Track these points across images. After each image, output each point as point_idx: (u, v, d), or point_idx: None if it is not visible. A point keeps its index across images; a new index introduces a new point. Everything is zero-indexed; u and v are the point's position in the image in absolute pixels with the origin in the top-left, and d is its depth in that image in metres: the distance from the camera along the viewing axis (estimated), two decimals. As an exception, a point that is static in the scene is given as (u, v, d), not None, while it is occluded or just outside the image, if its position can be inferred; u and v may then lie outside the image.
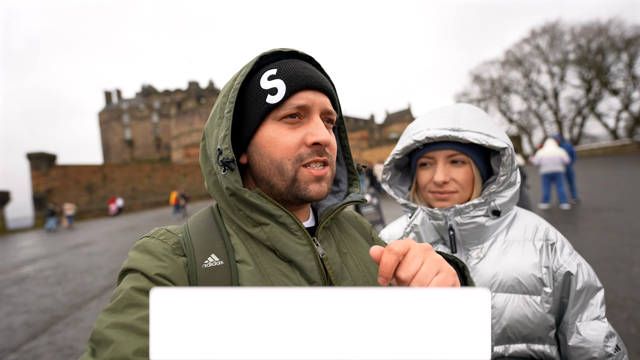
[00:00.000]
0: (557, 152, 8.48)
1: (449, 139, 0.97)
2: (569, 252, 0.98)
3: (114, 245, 11.44)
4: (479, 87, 44.82)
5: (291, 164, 0.66)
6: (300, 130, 0.66)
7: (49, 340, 4.11)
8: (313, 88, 0.67)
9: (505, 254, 1.00)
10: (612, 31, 32.55)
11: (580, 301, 0.93)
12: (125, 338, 0.47)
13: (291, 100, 0.65)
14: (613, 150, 27.15)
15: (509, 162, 0.95)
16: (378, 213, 6.94)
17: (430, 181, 1.05)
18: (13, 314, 5.27)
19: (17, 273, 8.58)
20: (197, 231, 0.68)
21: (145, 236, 0.65)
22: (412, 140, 1.03)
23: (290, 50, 0.71)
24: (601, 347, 0.88)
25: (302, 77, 0.66)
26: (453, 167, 1.02)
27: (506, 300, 0.96)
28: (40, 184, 29.56)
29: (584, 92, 36.97)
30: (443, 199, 1.03)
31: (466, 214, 0.99)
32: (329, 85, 0.71)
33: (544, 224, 1.04)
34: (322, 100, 0.68)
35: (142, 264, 0.58)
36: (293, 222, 0.68)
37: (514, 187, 0.99)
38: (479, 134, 0.95)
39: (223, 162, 0.63)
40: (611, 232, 5.82)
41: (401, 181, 1.22)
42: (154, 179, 39.95)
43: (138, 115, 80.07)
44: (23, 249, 14.35)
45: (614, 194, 9.55)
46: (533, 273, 0.95)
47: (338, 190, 0.86)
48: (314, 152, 0.66)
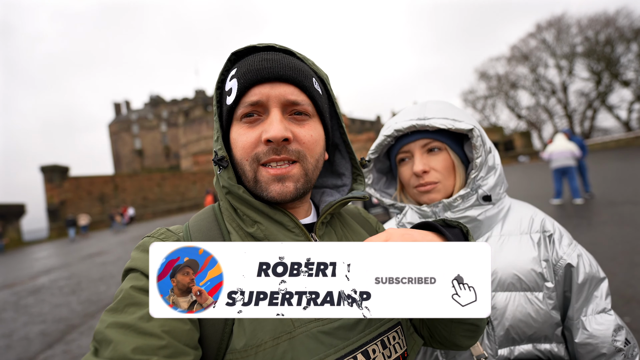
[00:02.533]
0: (568, 146, 8.33)
1: (417, 127, 0.96)
2: (567, 242, 0.94)
3: (126, 254, 11.57)
4: (486, 84, 44.49)
5: (249, 165, 0.64)
6: (258, 128, 0.63)
7: (64, 349, 4.18)
8: (267, 80, 0.63)
9: (501, 249, 0.96)
10: (621, 21, 32.06)
11: (583, 294, 0.89)
12: (124, 337, 0.48)
13: (245, 98, 0.63)
14: (626, 142, 26.57)
15: (479, 143, 0.93)
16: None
17: (411, 175, 1.03)
18: (29, 324, 5.37)
19: (33, 284, 8.75)
20: (198, 229, 0.68)
21: (146, 236, 0.65)
22: (383, 135, 1.02)
23: (266, 45, 0.68)
24: (609, 341, 0.84)
25: (253, 71, 0.63)
26: (430, 155, 1.00)
27: (507, 299, 0.92)
28: (54, 196, 30.18)
29: (593, 85, 36.35)
30: (427, 191, 1.00)
31: (456, 208, 0.96)
32: (292, 73, 0.64)
33: (539, 215, 1.00)
34: (280, 92, 0.63)
35: (142, 263, 0.57)
36: (289, 219, 0.67)
37: (496, 171, 0.97)
38: (444, 120, 0.95)
39: (215, 160, 0.64)
40: (627, 226, 5.66)
41: (387, 185, 1.21)
42: (164, 187, 40.43)
43: (147, 125, 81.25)
44: (39, 260, 14.63)
45: (629, 187, 9.31)
46: (533, 268, 0.91)
47: (341, 185, 0.83)
48: (270, 150, 0.62)
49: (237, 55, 0.69)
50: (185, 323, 0.53)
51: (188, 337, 0.53)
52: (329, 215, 0.74)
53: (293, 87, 0.65)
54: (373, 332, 0.66)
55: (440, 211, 0.98)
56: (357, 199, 0.76)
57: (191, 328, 0.54)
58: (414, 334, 0.77)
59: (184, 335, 0.52)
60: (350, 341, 0.62)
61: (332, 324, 0.62)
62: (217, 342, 0.56)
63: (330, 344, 0.60)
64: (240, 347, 0.55)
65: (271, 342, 0.56)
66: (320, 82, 0.73)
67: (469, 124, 0.94)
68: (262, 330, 0.56)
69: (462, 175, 1.01)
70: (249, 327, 0.56)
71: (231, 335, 0.56)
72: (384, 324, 0.69)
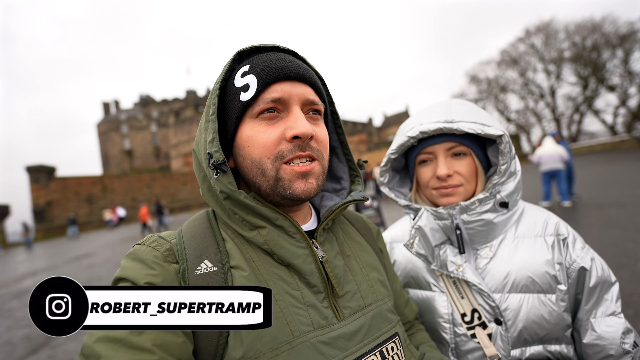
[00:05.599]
0: (557, 149, 8.46)
1: (444, 131, 0.94)
2: (581, 246, 0.94)
3: (114, 256, 11.37)
4: (476, 87, 45.00)
5: (271, 163, 0.62)
6: (279, 126, 0.62)
7: (49, 354, 4.06)
8: (288, 78, 0.62)
9: (516, 251, 0.96)
10: (607, 28, 32.70)
11: (594, 297, 0.90)
12: (114, 352, 0.46)
13: (265, 94, 0.62)
14: (612, 146, 27.13)
15: (507, 150, 0.92)
16: (379, 216, 6.92)
17: (432, 177, 1.01)
18: (13, 328, 5.21)
19: (17, 287, 8.52)
20: (191, 237, 0.66)
21: (137, 243, 0.63)
22: (406, 137, 0.99)
23: (271, 46, 0.67)
24: (618, 343, 0.85)
25: (274, 68, 0.62)
26: (454, 159, 0.99)
27: (521, 301, 0.92)
28: (40, 196, 29.51)
29: (580, 89, 37.08)
30: (448, 194, 0.99)
31: (472, 211, 0.96)
32: (309, 73, 0.65)
33: (553, 218, 1.00)
34: (302, 91, 0.63)
35: (132, 273, 0.56)
36: (291, 224, 0.66)
37: (516, 177, 0.97)
38: (473, 124, 0.93)
39: (214, 165, 0.60)
40: (614, 228, 5.77)
41: (400, 183, 1.19)
42: (153, 188, 39.90)
43: (137, 125, 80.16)
44: (23, 262, 14.28)
45: (615, 189, 9.50)
46: (547, 270, 0.91)
47: (340, 188, 0.82)
48: (295, 147, 0.61)
49: (241, 55, 0.67)
50: (178, 336, 0.52)
51: (181, 350, 0.51)
52: (330, 221, 0.73)
53: (310, 87, 0.65)
54: (372, 343, 0.65)
55: (457, 213, 0.98)
56: (356, 202, 0.74)
57: (184, 341, 0.52)
58: (410, 345, 0.76)
59: (176, 348, 0.50)
60: (350, 351, 0.61)
61: (331, 333, 0.61)
62: (212, 355, 0.54)
63: (330, 355, 0.59)
64: (237, 358, 0.53)
65: (270, 353, 0.54)
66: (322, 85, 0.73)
67: (498, 129, 0.93)
68: (260, 342, 0.55)
69: (483, 180, 1.01)
70: (246, 338, 0.54)
71: (226, 347, 0.54)
72: (383, 334, 0.67)
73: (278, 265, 0.65)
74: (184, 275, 0.59)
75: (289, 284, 0.63)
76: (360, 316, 0.67)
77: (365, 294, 0.70)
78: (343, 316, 0.65)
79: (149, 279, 0.55)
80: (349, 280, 0.70)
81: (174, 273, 0.59)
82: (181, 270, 0.59)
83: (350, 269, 0.72)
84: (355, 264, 0.74)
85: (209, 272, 0.59)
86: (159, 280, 0.56)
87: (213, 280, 0.58)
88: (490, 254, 0.98)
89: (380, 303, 0.72)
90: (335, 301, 0.66)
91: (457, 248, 1.00)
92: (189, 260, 0.61)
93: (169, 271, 0.58)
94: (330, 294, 0.65)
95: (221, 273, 0.59)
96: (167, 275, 0.58)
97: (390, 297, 0.77)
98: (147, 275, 0.56)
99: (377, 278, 0.75)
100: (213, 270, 0.60)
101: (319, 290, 0.65)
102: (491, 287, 0.94)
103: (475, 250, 1.00)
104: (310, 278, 0.64)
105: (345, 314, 0.65)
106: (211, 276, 0.59)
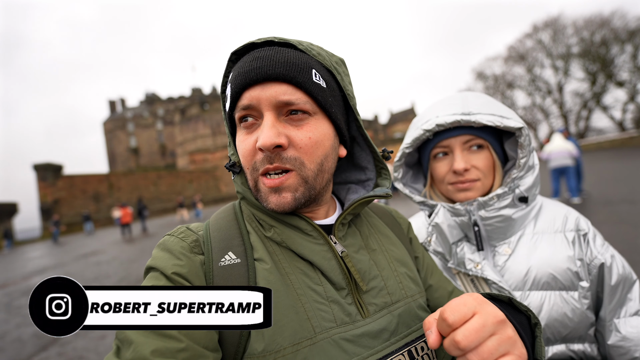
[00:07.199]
0: (566, 145, 8.36)
1: (461, 123, 0.91)
2: (601, 242, 0.92)
3: (121, 254, 11.48)
4: (483, 83, 44.62)
5: (250, 174, 0.62)
6: (255, 134, 0.60)
7: (59, 351, 4.09)
8: (258, 82, 0.57)
9: (536, 247, 0.93)
10: (615, 23, 32.16)
11: (617, 296, 0.87)
12: (144, 339, 0.48)
13: (239, 102, 0.60)
14: (621, 142, 26.77)
15: (527, 143, 0.90)
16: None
17: (448, 172, 0.98)
18: (23, 325, 5.27)
19: (26, 284, 8.63)
20: (217, 228, 0.66)
21: (167, 234, 0.64)
22: (422, 130, 0.96)
23: (265, 40, 0.62)
24: None
25: (244, 73, 0.58)
26: (471, 153, 0.96)
27: (542, 299, 0.89)
28: (47, 194, 29.89)
29: (588, 85, 36.57)
30: (465, 189, 0.96)
31: (491, 207, 0.93)
32: (281, 70, 0.57)
33: (573, 213, 0.97)
34: (272, 93, 0.57)
35: (161, 263, 0.57)
36: (306, 223, 0.64)
37: (534, 170, 0.94)
38: (492, 116, 0.90)
39: (226, 166, 0.64)
40: (625, 225, 5.68)
41: (413, 179, 1.15)
42: (160, 186, 40.23)
43: (142, 123, 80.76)
44: (32, 259, 14.48)
45: (624, 186, 9.36)
46: (568, 267, 0.89)
47: (366, 179, 0.78)
48: (265, 159, 0.58)
49: (237, 54, 0.65)
50: None
51: (207, 339, 0.52)
52: (349, 215, 0.69)
53: (286, 85, 0.58)
54: (399, 342, 0.62)
55: (474, 209, 0.95)
56: (379, 197, 0.71)
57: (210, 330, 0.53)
58: None
59: (203, 337, 0.52)
60: (374, 350, 0.58)
61: (354, 330, 0.58)
62: (235, 345, 0.55)
63: (353, 352, 0.56)
64: (259, 351, 0.53)
65: (290, 348, 0.54)
66: (328, 73, 0.65)
67: (517, 122, 0.90)
68: (281, 336, 0.54)
69: (501, 174, 0.98)
70: (267, 331, 0.54)
71: (249, 339, 0.54)
72: (412, 332, 0.64)
73: (300, 260, 0.63)
74: (209, 266, 0.59)
75: (312, 279, 0.61)
76: (387, 313, 0.64)
77: (392, 290, 0.67)
78: (368, 313, 0.62)
79: (176, 269, 0.56)
80: (375, 276, 0.67)
81: (199, 264, 0.59)
82: (206, 262, 0.59)
83: (377, 263, 0.69)
84: (382, 258, 0.71)
85: (233, 264, 0.60)
86: (186, 270, 0.57)
87: (236, 272, 0.58)
88: (509, 250, 0.94)
89: (410, 300, 0.68)
90: (360, 297, 0.63)
91: (475, 245, 0.97)
92: (214, 252, 0.61)
93: (194, 262, 0.59)
94: (354, 289, 0.63)
95: (244, 265, 0.60)
96: (192, 266, 0.58)
97: (421, 293, 0.72)
98: (175, 265, 0.57)
99: (406, 273, 0.72)
100: (237, 262, 0.60)
101: (342, 286, 0.62)
102: (511, 284, 0.91)
103: (493, 247, 0.97)
104: (331, 274, 0.62)
105: (371, 311, 0.63)
106: (234, 268, 0.59)
